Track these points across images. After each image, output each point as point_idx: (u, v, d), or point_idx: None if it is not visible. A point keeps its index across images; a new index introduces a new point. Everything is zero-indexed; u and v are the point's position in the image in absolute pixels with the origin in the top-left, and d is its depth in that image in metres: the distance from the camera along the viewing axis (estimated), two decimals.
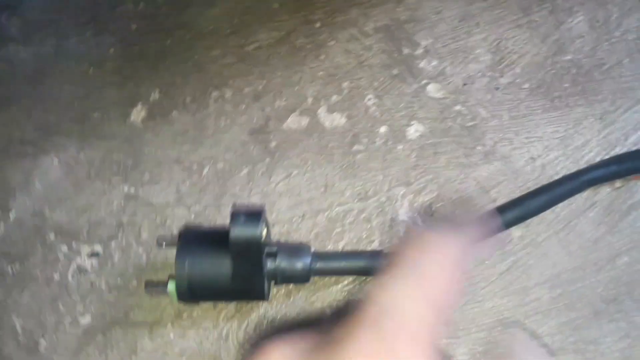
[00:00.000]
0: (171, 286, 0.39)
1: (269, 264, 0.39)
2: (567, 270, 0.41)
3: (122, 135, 0.50)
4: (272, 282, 0.41)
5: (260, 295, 0.39)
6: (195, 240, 0.39)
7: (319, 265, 0.41)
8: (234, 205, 0.38)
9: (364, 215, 0.45)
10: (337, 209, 0.45)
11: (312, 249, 0.42)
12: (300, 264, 0.40)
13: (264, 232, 0.37)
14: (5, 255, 0.46)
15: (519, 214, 0.41)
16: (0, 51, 0.56)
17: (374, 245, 0.44)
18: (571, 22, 0.49)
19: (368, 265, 0.41)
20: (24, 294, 0.45)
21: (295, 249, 0.40)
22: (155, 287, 0.40)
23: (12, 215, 0.48)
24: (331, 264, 0.41)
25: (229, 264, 0.38)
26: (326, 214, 0.45)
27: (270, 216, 0.45)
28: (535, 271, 0.41)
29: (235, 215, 0.37)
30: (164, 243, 0.42)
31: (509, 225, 0.41)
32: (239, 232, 0.37)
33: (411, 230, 0.32)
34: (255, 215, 0.37)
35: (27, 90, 0.54)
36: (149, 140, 0.50)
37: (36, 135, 0.51)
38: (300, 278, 0.40)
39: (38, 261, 0.46)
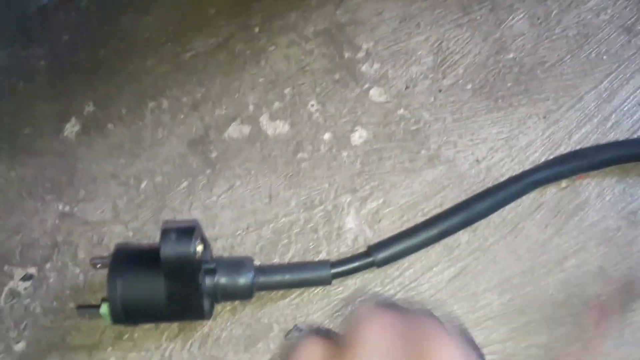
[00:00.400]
0: (104, 309, 0.37)
1: (208, 282, 0.37)
2: (516, 275, 0.40)
3: (55, 150, 0.48)
4: (213, 300, 0.39)
5: (199, 314, 0.37)
6: (128, 260, 0.37)
7: (262, 279, 0.39)
8: (164, 223, 0.37)
9: (310, 225, 0.43)
10: (282, 219, 0.44)
11: (255, 263, 0.40)
12: (242, 280, 0.38)
13: (199, 248, 0.36)
14: None
15: (466, 218, 0.41)
16: None
17: (322, 256, 0.42)
18: (512, 20, 0.49)
19: (314, 276, 0.40)
20: None
21: (237, 264, 0.39)
22: (87, 310, 0.38)
23: None
24: (275, 278, 0.40)
25: (163, 283, 0.36)
26: (271, 225, 0.44)
27: (213, 230, 0.44)
28: (484, 276, 0.41)
29: (165, 233, 0.35)
30: (99, 264, 0.40)
31: (458, 229, 0.41)
32: (171, 250, 0.35)
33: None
34: (187, 231, 0.35)
35: None
36: (84, 155, 0.47)
37: None
38: (243, 294, 0.39)
39: None
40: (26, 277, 0.43)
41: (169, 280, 0.35)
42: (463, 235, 0.41)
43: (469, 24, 0.49)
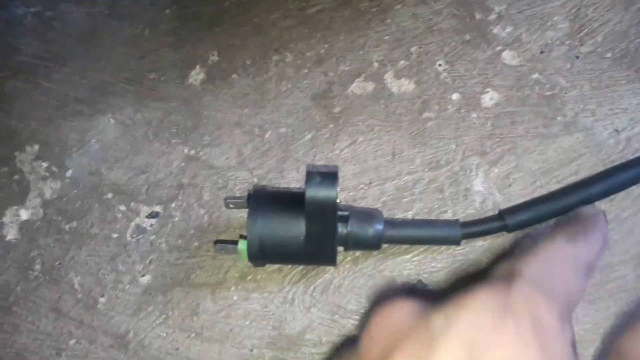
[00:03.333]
0: (242, 245, 0.37)
1: (341, 228, 0.37)
2: None
3: (180, 97, 0.49)
4: (342, 248, 0.39)
5: (330, 260, 0.38)
6: (267, 200, 0.38)
7: (391, 232, 0.39)
8: (308, 165, 0.37)
9: (435, 185, 0.43)
10: (406, 177, 0.43)
11: (384, 215, 0.40)
12: (371, 230, 0.38)
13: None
14: (63, 212, 0.45)
15: (605, 188, 0.39)
16: (54, 10, 0.55)
17: (447, 216, 0.42)
18: None
19: (443, 235, 0.40)
20: (82, 252, 0.44)
21: (367, 214, 0.39)
22: (225, 245, 0.39)
23: (68, 174, 0.47)
24: (404, 232, 0.39)
25: (302, 226, 0.36)
26: (394, 182, 0.43)
27: None
28: (620, 248, 0.39)
29: (311, 175, 0.35)
30: (232, 205, 0.40)
31: (596, 199, 0.40)
32: (315, 192, 0.35)
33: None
34: (330, 175, 0.36)
35: (81, 50, 0.53)
36: (209, 103, 0.48)
37: (91, 95, 0.50)
38: (371, 244, 0.39)
39: (96, 220, 0.45)
40: (152, 215, 0.45)
41: (309, 222, 0.36)
42: (599, 205, 0.40)
43: None
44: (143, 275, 0.43)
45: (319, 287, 0.41)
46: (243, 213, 0.42)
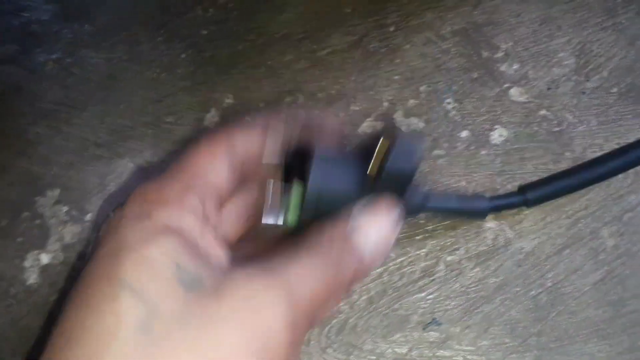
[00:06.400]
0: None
1: None
2: None
3: (196, 139, 0.50)
4: None
5: None
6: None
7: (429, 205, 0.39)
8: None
9: (447, 222, 0.43)
10: (419, 215, 0.44)
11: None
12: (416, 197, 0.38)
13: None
14: (82, 256, 0.47)
15: (623, 163, 0.41)
16: (74, 57, 0.56)
17: (460, 253, 0.42)
18: None
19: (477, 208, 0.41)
20: None
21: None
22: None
23: (88, 217, 0.48)
24: (440, 203, 0.41)
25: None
26: (407, 219, 0.44)
27: None
28: (632, 282, 0.39)
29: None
30: None
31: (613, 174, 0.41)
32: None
33: None
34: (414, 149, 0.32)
35: (101, 94, 0.54)
36: None
37: (110, 139, 0.52)
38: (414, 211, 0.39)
39: None
40: None
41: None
42: (609, 240, 0.41)
43: (614, 27, 0.48)
44: None
45: (335, 328, 0.41)
46: None
